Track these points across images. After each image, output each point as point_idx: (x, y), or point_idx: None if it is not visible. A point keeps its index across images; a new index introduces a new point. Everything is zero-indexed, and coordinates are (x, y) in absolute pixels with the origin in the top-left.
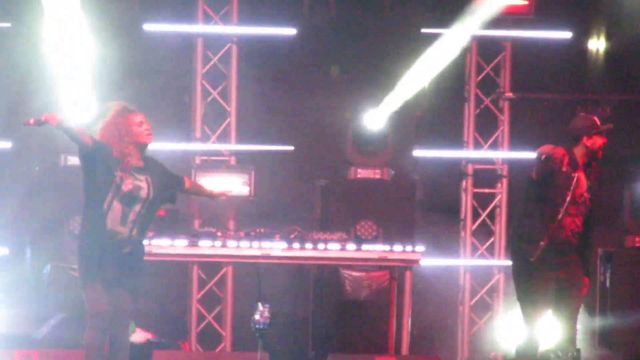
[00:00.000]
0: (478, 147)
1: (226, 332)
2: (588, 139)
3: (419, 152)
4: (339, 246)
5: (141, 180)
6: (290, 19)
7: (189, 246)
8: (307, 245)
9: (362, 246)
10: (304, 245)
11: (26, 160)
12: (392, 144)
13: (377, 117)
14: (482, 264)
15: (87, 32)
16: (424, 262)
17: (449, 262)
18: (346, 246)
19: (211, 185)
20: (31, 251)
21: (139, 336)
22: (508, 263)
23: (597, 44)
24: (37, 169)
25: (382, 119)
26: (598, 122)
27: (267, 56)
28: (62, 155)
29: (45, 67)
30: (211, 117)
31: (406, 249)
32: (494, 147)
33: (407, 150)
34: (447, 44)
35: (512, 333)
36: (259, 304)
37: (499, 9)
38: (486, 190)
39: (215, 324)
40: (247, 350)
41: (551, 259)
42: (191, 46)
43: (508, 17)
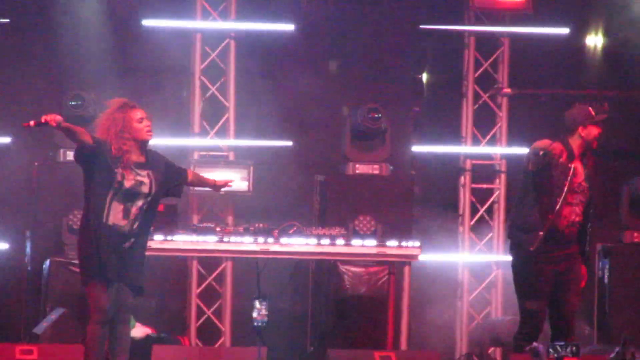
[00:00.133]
0: (476, 142)
1: (225, 327)
2: (583, 129)
3: (417, 148)
4: (338, 241)
5: (143, 176)
6: (288, 14)
7: (188, 241)
8: (306, 241)
9: (360, 241)
10: (302, 241)
11: (25, 156)
12: (390, 140)
13: (375, 112)
14: (480, 259)
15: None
16: (422, 258)
17: (447, 257)
18: (345, 241)
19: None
20: (31, 246)
21: (138, 331)
22: (507, 258)
23: (595, 40)
24: (36, 164)
25: (380, 114)
26: (593, 112)
27: (265, 52)
28: (61, 151)
29: (44, 62)
30: (209, 112)
31: (404, 245)
32: (492, 142)
33: (405, 145)
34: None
35: (511, 327)
36: (256, 301)
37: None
38: (484, 186)
39: (215, 319)
40: (246, 345)
41: (551, 250)
42: (189, 42)
43: (506, 13)
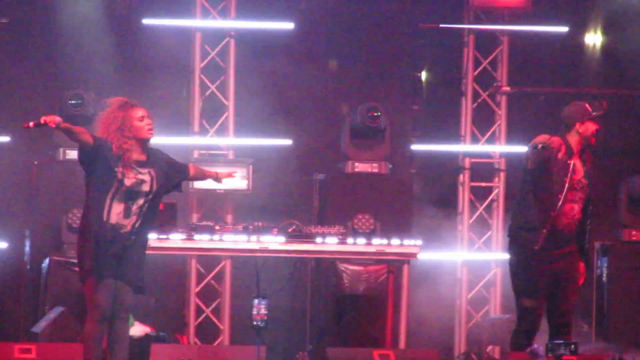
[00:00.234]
0: (475, 141)
1: (224, 325)
2: (581, 125)
3: (416, 146)
4: (337, 240)
5: (144, 174)
6: (287, 13)
7: (187, 240)
8: (305, 239)
9: (359, 240)
10: (301, 239)
11: (25, 154)
12: (390, 138)
13: (375, 110)
14: (479, 257)
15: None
16: (421, 256)
17: (446, 255)
18: (344, 240)
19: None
20: (30, 245)
21: (137, 329)
22: (505, 257)
23: (594, 38)
24: (35, 163)
25: (379, 112)
26: (590, 108)
27: (265, 50)
28: (61, 149)
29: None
30: (209, 111)
31: (403, 243)
32: (491, 141)
33: (405, 144)
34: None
35: (509, 326)
36: (255, 300)
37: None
38: (483, 184)
39: (214, 318)
40: (245, 343)
41: (550, 249)
42: (189, 40)
43: (505, 12)
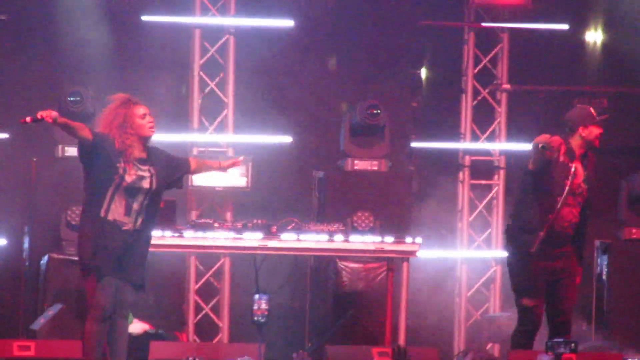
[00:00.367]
0: (475, 138)
1: (223, 323)
2: (584, 129)
3: (416, 144)
4: (336, 237)
5: (144, 171)
6: (287, 10)
7: (186, 237)
8: (304, 237)
9: (359, 238)
10: (300, 237)
11: (24, 151)
12: (389, 136)
13: (374, 108)
14: (478, 255)
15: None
16: (420, 254)
17: (445, 253)
18: (343, 237)
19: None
20: (29, 242)
21: (136, 327)
22: (505, 254)
23: (594, 36)
24: (34, 159)
25: (379, 110)
26: (594, 112)
27: (264, 47)
28: (60, 146)
29: (43, 58)
30: (208, 108)
31: (403, 241)
32: (491, 138)
33: (404, 141)
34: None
35: (509, 324)
36: (256, 296)
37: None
38: (483, 182)
39: (213, 315)
40: (244, 341)
41: (547, 250)
42: (188, 37)
43: (505, 9)
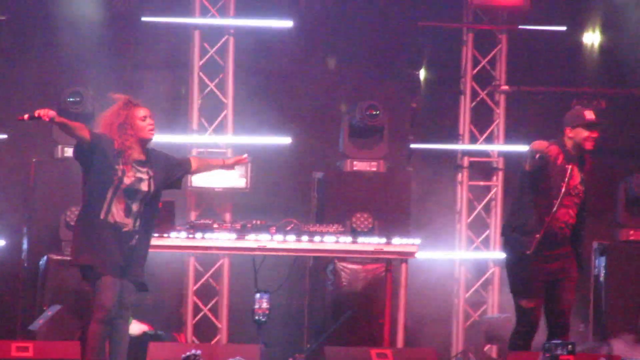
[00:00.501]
0: (474, 140)
1: (222, 324)
2: (570, 130)
3: (414, 145)
4: (335, 238)
5: (143, 173)
6: (287, 10)
7: (185, 238)
8: (303, 238)
9: (357, 238)
10: (300, 238)
11: (23, 152)
12: (388, 137)
13: (373, 109)
14: (477, 256)
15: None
16: (419, 255)
17: (444, 254)
18: (342, 238)
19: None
20: (27, 242)
21: (135, 328)
22: (503, 256)
23: (592, 38)
24: (33, 160)
25: (378, 111)
26: (586, 114)
27: (264, 48)
28: (59, 147)
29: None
30: (208, 109)
31: (402, 242)
32: (489, 140)
33: (403, 142)
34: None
35: (507, 325)
36: (257, 295)
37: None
38: (481, 183)
39: (211, 316)
40: (243, 342)
41: (545, 251)
42: (188, 38)
43: (504, 11)
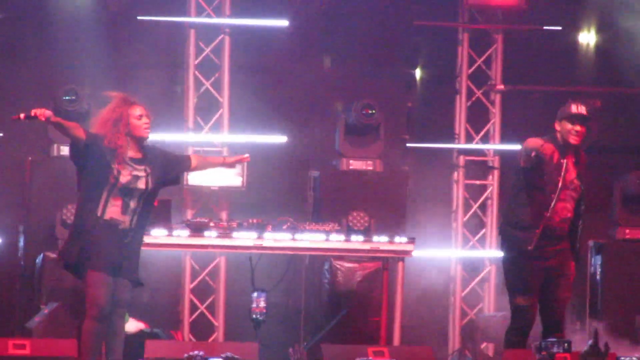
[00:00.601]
0: (469, 139)
1: (219, 322)
2: (558, 124)
3: (410, 144)
4: (331, 237)
5: (140, 171)
6: (282, 10)
7: (181, 236)
8: (299, 236)
9: (353, 237)
10: (296, 236)
11: (19, 150)
12: (384, 136)
13: (369, 108)
14: (473, 255)
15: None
16: (415, 253)
17: (440, 253)
18: (338, 237)
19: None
20: (24, 240)
21: (131, 326)
22: (499, 254)
23: (588, 37)
24: (29, 158)
25: (374, 110)
26: (572, 107)
27: (259, 47)
28: (55, 145)
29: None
30: (204, 107)
31: (398, 240)
32: (485, 139)
33: (399, 141)
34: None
35: (503, 323)
36: (255, 294)
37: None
38: (477, 182)
39: (208, 314)
40: (240, 340)
41: (542, 246)
42: (184, 37)
43: (500, 10)
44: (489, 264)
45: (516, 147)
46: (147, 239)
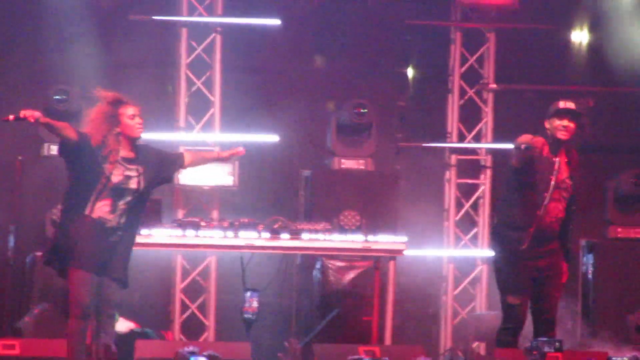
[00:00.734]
0: (462, 138)
1: (210, 322)
2: (547, 122)
3: (402, 143)
4: (323, 236)
5: (132, 171)
6: (274, 9)
7: (172, 236)
8: (291, 235)
9: (345, 236)
10: (287, 235)
11: (9, 150)
12: (376, 135)
13: (361, 107)
14: (465, 254)
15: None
16: (407, 253)
17: (432, 252)
18: (330, 236)
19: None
20: (14, 240)
21: (122, 325)
22: (491, 253)
23: (580, 36)
24: (19, 158)
25: (366, 109)
26: (560, 102)
27: (251, 46)
28: (46, 145)
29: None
30: (195, 106)
31: (390, 239)
32: (477, 138)
33: (391, 140)
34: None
35: (495, 322)
36: (247, 293)
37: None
38: (469, 181)
39: (199, 314)
40: (230, 340)
41: (534, 246)
42: (175, 36)
43: (492, 9)
44: (480, 263)
45: (508, 146)
46: (138, 239)
